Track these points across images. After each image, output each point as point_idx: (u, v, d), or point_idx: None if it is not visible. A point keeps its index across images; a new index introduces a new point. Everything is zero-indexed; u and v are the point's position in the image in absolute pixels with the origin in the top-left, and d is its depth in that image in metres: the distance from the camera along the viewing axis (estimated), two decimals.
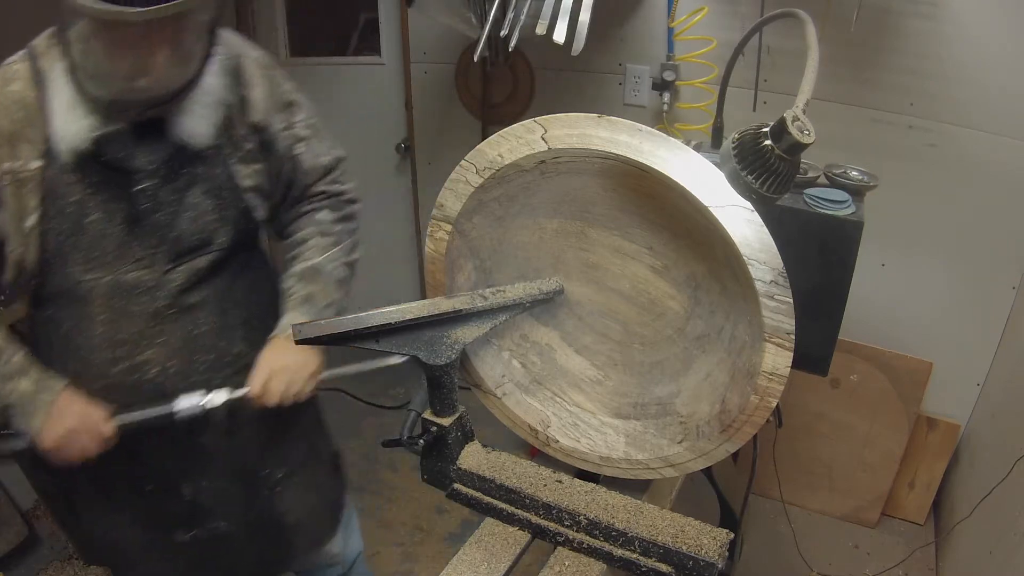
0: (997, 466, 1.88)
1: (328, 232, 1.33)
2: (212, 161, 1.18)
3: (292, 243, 1.32)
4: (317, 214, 1.33)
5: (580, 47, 1.78)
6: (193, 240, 1.17)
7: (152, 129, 1.11)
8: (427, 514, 2.49)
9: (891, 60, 2.06)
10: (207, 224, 1.18)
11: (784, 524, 2.40)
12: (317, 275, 1.28)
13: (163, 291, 1.16)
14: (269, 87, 1.24)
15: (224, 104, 1.17)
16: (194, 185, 1.16)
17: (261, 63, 1.25)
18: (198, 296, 1.20)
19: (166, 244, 1.15)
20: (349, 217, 1.40)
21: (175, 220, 1.15)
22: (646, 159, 0.93)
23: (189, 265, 1.18)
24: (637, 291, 1.12)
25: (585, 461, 1.17)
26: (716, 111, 1.55)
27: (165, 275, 1.16)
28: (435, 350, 1.06)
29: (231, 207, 1.21)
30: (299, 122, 1.29)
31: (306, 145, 1.30)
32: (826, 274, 1.25)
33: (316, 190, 1.34)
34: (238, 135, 1.21)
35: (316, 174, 1.33)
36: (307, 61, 3.00)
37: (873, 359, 2.28)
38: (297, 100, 1.30)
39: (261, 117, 1.22)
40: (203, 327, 1.22)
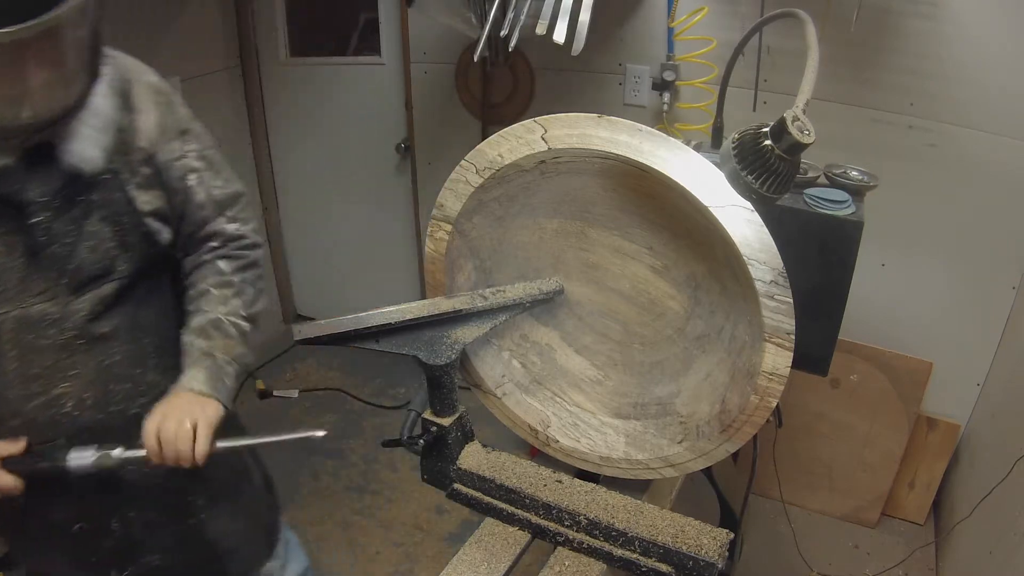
0: (997, 466, 1.88)
1: (227, 283, 1.26)
2: (109, 187, 1.13)
3: (190, 296, 1.26)
4: (216, 263, 1.27)
5: (580, 47, 1.78)
6: (94, 269, 1.13)
7: (42, 158, 1.06)
8: (427, 514, 2.49)
9: (891, 60, 2.06)
10: (107, 252, 1.14)
11: (784, 524, 2.40)
12: (216, 329, 1.22)
13: (69, 322, 1.12)
14: (159, 114, 1.18)
15: (116, 126, 1.12)
16: (91, 213, 1.11)
17: (154, 87, 1.19)
18: (107, 325, 1.16)
19: (66, 276, 1.11)
20: (250, 265, 1.31)
21: (74, 251, 1.10)
22: (646, 159, 0.93)
23: (94, 294, 1.14)
24: (637, 291, 1.12)
25: (585, 461, 1.17)
26: (716, 111, 1.55)
27: (69, 306, 1.12)
28: (435, 350, 1.06)
29: (132, 233, 1.16)
30: (191, 152, 1.22)
31: (198, 177, 1.23)
32: (826, 274, 1.25)
33: (211, 229, 1.27)
34: (134, 160, 1.16)
35: (209, 209, 1.25)
36: (307, 61, 3.00)
37: (873, 359, 2.28)
38: (192, 129, 1.23)
39: (148, 144, 1.17)
40: (115, 356, 1.18)
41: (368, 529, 2.44)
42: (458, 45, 2.61)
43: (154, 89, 1.19)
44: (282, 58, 3.01)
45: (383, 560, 2.32)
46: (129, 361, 1.20)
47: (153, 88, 1.19)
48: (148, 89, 1.18)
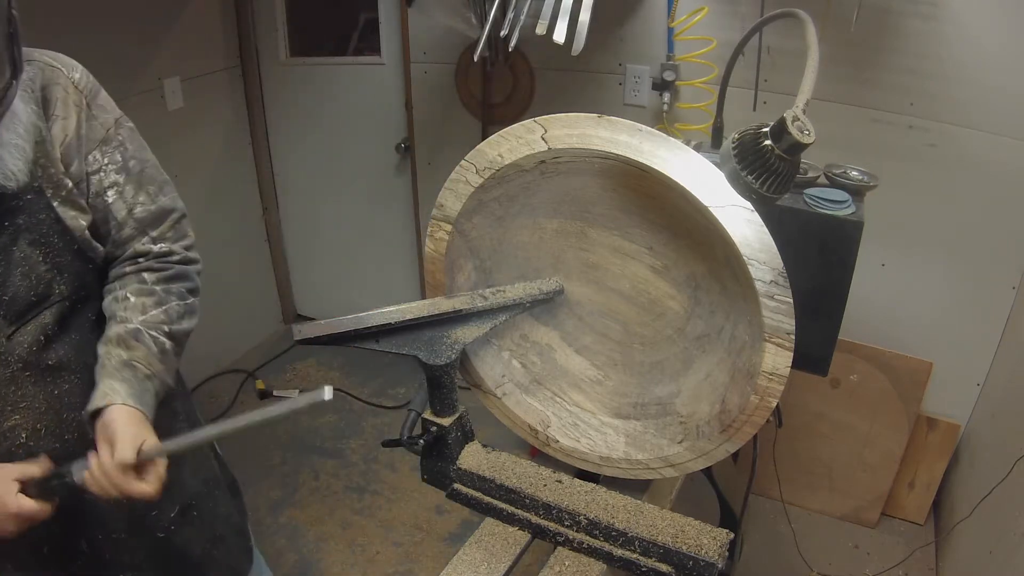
0: (997, 466, 1.88)
1: (149, 292, 1.13)
2: (34, 207, 1.02)
3: (107, 305, 1.13)
4: (140, 274, 1.14)
5: (580, 47, 1.78)
6: (30, 297, 1.03)
7: None
8: (427, 514, 2.49)
9: (891, 60, 2.06)
10: (41, 277, 1.04)
11: (784, 524, 2.40)
12: (135, 340, 1.09)
13: (13, 356, 1.04)
14: (77, 119, 1.06)
15: (35, 136, 1.01)
16: (18, 238, 1.01)
17: (76, 87, 1.07)
18: (54, 355, 1.07)
19: (1, 307, 1.02)
20: (177, 277, 1.17)
21: (6, 280, 1.01)
22: (646, 159, 0.93)
23: (35, 324, 1.05)
24: (637, 291, 1.12)
25: (585, 461, 1.17)
26: (716, 111, 1.55)
27: (10, 339, 1.03)
28: (435, 350, 1.06)
29: (64, 254, 1.06)
30: (111, 164, 1.10)
31: (118, 192, 1.10)
32: (826, 274, 1.25)
33: (134, 250, 1.14)
34: (55, 173, 1.04)
35: (131, 228, 1.12)
36: (307, 61, 3.00)
37: (873, 359, 2.28)
38: (112, 136, 1.10)
39: (65, 155, 1.05)
40: (65, 385, 1.10)
41: (368, 529, 2.44)
42: (458, 45, 2.61)
43: (75, 88, 1.07)
44: (282, 58, 3.01)
45: (383, 560, 2.32)
46: (81, 388, 1.10)
47: (74, 88, 1.07)
48: (68, 90, 1.06)
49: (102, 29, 2.36)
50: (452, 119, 2.77)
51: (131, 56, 2.52)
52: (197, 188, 2.90)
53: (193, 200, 3.28)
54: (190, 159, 2.82)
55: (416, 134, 2.89)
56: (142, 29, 2.54)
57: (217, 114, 2.97)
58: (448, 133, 2.81)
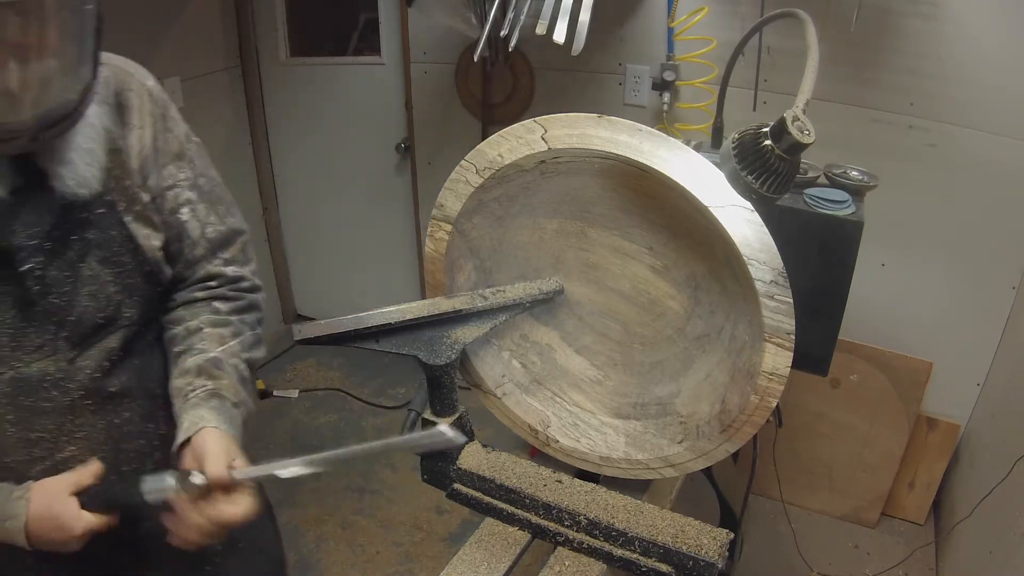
0: (997, 466, 1.88)
1: (224, 323, 1.09)
2: (105, 222, 0.96)
3: (178, 334, 1.07)
4: (211, 303, 1.10)
5: (580, 47, 1.78)
6: (97, 319, 0.97)
7: (30, 190, 0.90)
8: (427, 514, 2.49)
9: (891, 60, 2.06)
10: (110, 299, 0.98)
11: (784, 524, 2.40)
12: (217, 369, 1.04)
13: (74, 382, 0.97)
14: (154, 131, 1.01)
15: (110, 144, 0.95)
16: (88, 255, 0.95)
17: (151, 97, 1.02)
18: (116, 382, 1.01)
19: (66, 329, 0.95)
20: (250, 307, 1.14)
21: (73, 300, 0.95)
22: (646, 159, 0.93)
23: (99, 348, 0.98)
24: (637, 291, 1.12)
25: (585, 461, 1.17)
26: (716, 111, 1.55)
27: (72, 363, 0.96)
28: (435, 350, 1.06)
29: (135, 274, 1.00)
30: (185, 180, 1.05)
31: (191, 211, 1.06)
32: (826, 274, 1.25)
33: (205, 272, 1.10)
34: (129, 187, 0.98)
35: (203, 249, 1.08)
36: (307, 61, 3.01)
37: (873, 359, 2.28)
38: (188, 150, 1.06)
39: (141, 168, 1.00)
40: (125, 413, 1.04)
41: (368, 529, 2.44)
42: (458, 45, 2.62)
43: (151, 99, 1.02)
44: (282, 58, 3.01)
45: (383, 560, 2.32)
46: (141, 417, 1.06)
47: (150, 97, 1.02)
48: (143, 98, 1.01)
49: None
50: (452, 119, 2.77)
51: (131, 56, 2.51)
52: None
53: None
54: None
55: (416, 134, 2.89)
56: (142, 29, 2.54)
57: (217, 114, 2.97)
58: (448, 133, 2.81)
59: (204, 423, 0.96)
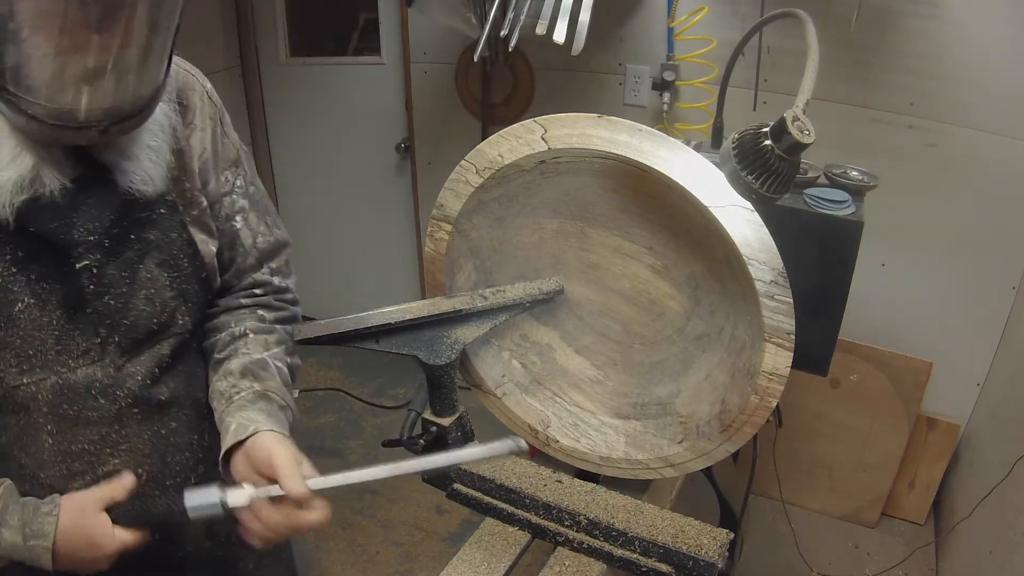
0: (997, 466, 1.88)
1: (269, 330, 1.06)
2: (166, 223, 0.92)
3: (221, 340, 1.03)
4: (256, 311, 1.07)
5: (580, 47, 1.78)
6: (151, 325, 0.93)
7: (92, 183, 0.85)
8: (427, 514, 2.49)
9: (891, 60, 2.06)
10: (166, 304, 0.94)
11: (784, 524, 2.40)
12: (263, 370, 1.00)
13: (123, 390, 0.92)
14: (214, 134, 0.98)
15: (174, 143, 0.92)
16: (146, 256, 0.91)
17: (212, 99, 0.99)
18: (165, 391, 0.96)
19: (118, 333, 0.90)
20: (292, 319, 1.11)
21: (129, 302, 0.90)
22: (646, 159, 0.93)
23: (150, 355, 0.94)
24: (637, 291, 1.12)
25: (585, 461, 1.17)
26: (716, 111, 1.55)
27: (121, 370, 0.91)
28: (435, 350, 1.06)
29: (192, 280, 0.97)
30: (240, 188, 1.02)
31: (244, 219, 1.03)
32: (826, 274, 1.25)
33: (252, 280, 1.07)
34: (190, 190, 0.95)
35: (253, 258, 1.05)
36: (307, 61, 3.01)
37: (873, 359, 2.28)
38: (242, 157, 1.03)
39: (202, 171, 0.97)
40: (171, 424, 0.99)
41: (368, 529, 2.44)
42: (458, 45, 2.62)
43: (211, 101, 0.99)
44: (282, 58, 3.01)
45: (383, 560, 2.32)
46: (187, 427, 1.01)
47: (210, 100, 0.99)
48: (205, 101, 0.97)
49: None
50: (452, 119, 2.77)
51: None
52: None
53: None
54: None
55: (416, 134, 2.89)
56: None
57: None
58: (448, 133, 2.81)
59: (257, 426, 0.91)
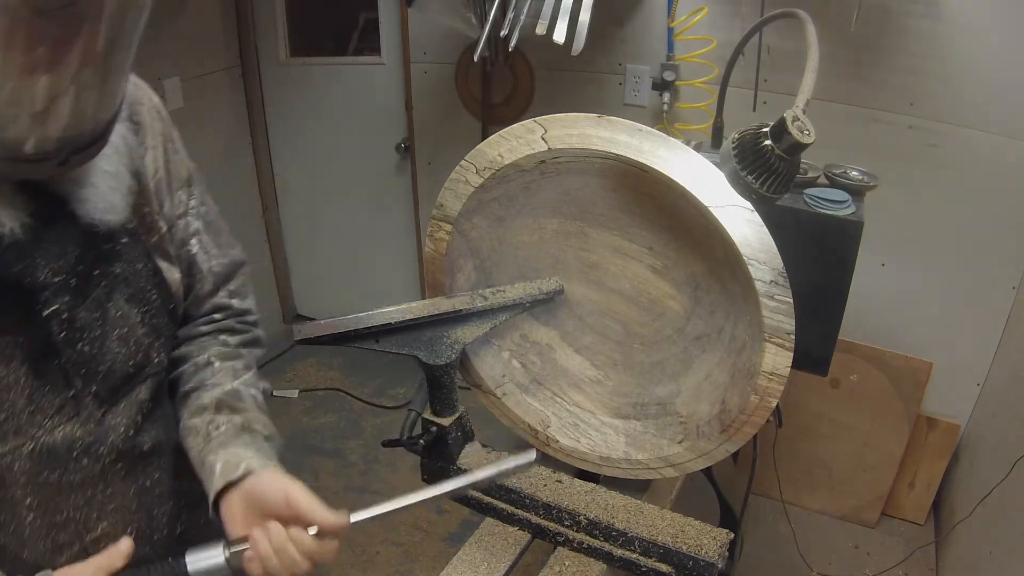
0: (997, 466, 1.88)
1: (235, 355, 0.99)
2: (131, 254, 0.84)
3: (185, 372, 0.96)
4: (218, 336, 1.00)
5: (580, 47, 1.78)
6: (128, 368, 0.84)
7: (50, 218, 0.76)
8: (427, 514, 2.49)
9: (891, 60, 2.06)
10: (140, 342, 0.85)
11: (784, 524, 2.40)
12: (240, 401, 0.94)
13: (106, 445, 0.83)
14: (165, 152, 0.90)
15: (133, 165, 0.84)
16: (115, 292, 0.82)
17: (160, 115, 0.90)
18: (148, 439, 0.89)
19: (95, 382, 0.81)
20: (256, 341, 1.04)
21: (103, 346, 0.81)
22: (646, 159, 0.93)
23: (129, 401, 0.85)
24: (637, 291, 1.12)
25: (585, 461, 1.17)
26: (716, 111, 1.55)
27: (102, 423, 0.83)
28: (435, 350, 1.06)
29: (161, 313, 0.89)
30: (193, 209, 0.94)
31: (199, 242, 0.95)
32: (826, 274, 1.25)
33: (212, 304, 0.99)
34: (149, 214, 0.87)
35: (210, 283, 0.98)
36: (307, 61, 3.01)
37: (873, 359, 2.28)
38: (193, 175, 0.96)
39: (156, 190, 0.89)
40: (156, 473, 0.91)
41: (368, 529, 2.44)
42: (458, 45, 2.62)
43: (160, 117, 0.91)
44: (282, 58, 3.01)
45: (383, 560, 2.32)
46: (170, 475, 0.94)
47: (159, 115, 0.91)
48: (154, 115, 0.89)
49: None
50: (452, 119, 2.77)
51: None
52: None
53: None
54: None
55: (416, 134, 2.89)
56: None
57: (217, 114, 2.97)
58: (448, 133, 2.81)
59: (249, 463, 0.84)
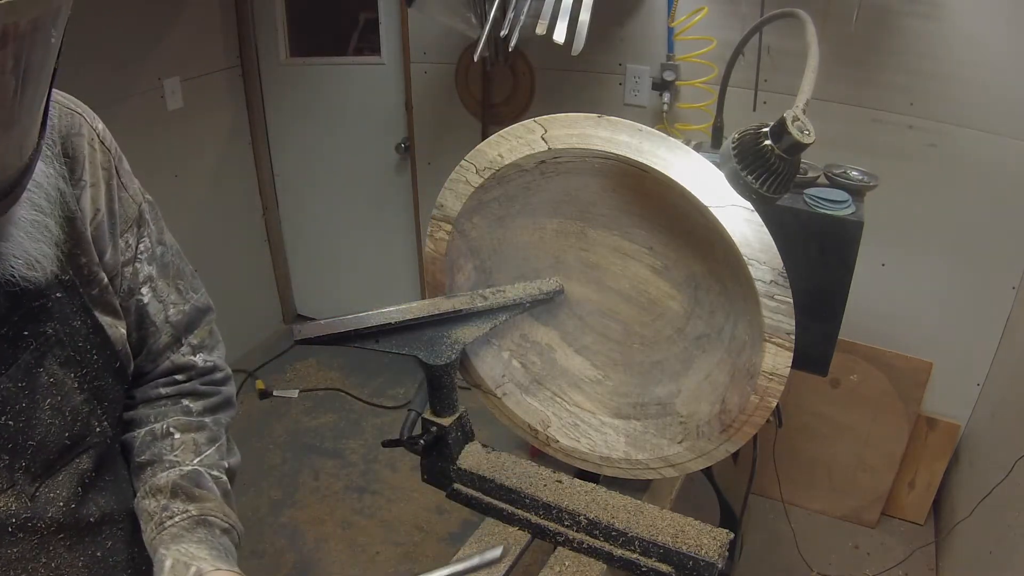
0: (997, 466, 1.88)
1: (199, 426, 0.89)
2: (66, 310, 0.74)
3: (142, 440, 0.87)
4: (181, 401, 0.90)
5: (580, 47, 1.78)
6: (63, 440, 0.76)
7: None
8: (427, 514, 2.49)
9: (891, 60, 2.06)
10: (77, 411, 0.76)
11: (784, 524, 2.40)
12: (198, 487, 0.84)
13: (43, 520, 0.75)
14: (108, 189, 0.79)
15: (65, 210, 0.72)
16: (47, 356, 0.73)
17: (103, 142, 0.79)
18: (95, 509, 0.81)
19: (24, 457, 0.73)
20: (226, 404, 0.95)
21: (32, 418, 0.73)
22: (646, 159, 0.93)
23: (68, 473, 0.77)
24: (637, 291, 1.12)
25: (585, 461, 1.17)
26: (716, 111, 1.55)
27: (34, 500, 0.75)
28: (435, 350, 1.06)
29: (104, 375, 0.79)
30: (144, 252, 0.84)
31: (151, 289, 0.85)
32: (826, 274, 1.25)
33: (172, 363, 0.90)
34: (90, 263, 0.77)
35: (167, 336, 0.88)
36: (307, 61, 3.01)
37: (873, 359, 2.28)
38: (145, 212, 0.84)
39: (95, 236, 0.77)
40: (108, 542, 0.84)
41: (368, 529, 2.44)
42: (458, 45, 2.62)
43: (103, 147, 0.79)
44: (282, 58, 3.01)
45: (383, 560, 2.32)
46: (125, 543, 0.86)
47: (101, 145, 0.79)
48: (95, 146, 0.77)
49: (102, 29, 2.36)
50: (452, 119, 2.77)
51: (131, 56, 2.52)
52: (197, 188, 2.90)
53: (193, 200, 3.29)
54: (190, 159, 2.82)
55: (416, 134, 2.89)
56: (142, 29, 2.54)
57: (217, 114, 2.97)
58: (448, 133, 2.82)
59: (200, 564, 0.78)
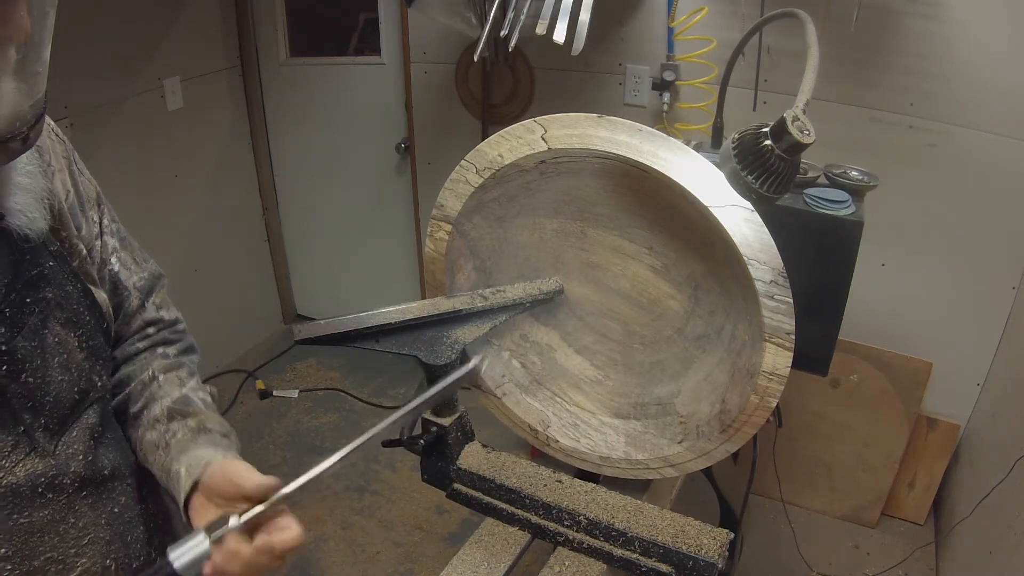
0: (997, 466, 1.88)
1: (178, 365, 0.97)
2: (59, 277, 0.80)
3: (132, 393, 0.93)
4: (156, 349, 0.98)
5: (580, 47, 1.78)
6: (73, 394, 0.80)
7: None
8: (427, 514, 2.49)
9: (891, 60, 2.06)
10: (81, 367, 0.81)
11: (784, 524, 2.40)
12: (189, 406, 0.92)
13: (67, 474, 0.78)
14: (71, 173, 0.86)
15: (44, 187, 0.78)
16: (50, 317, 0.78)
17: (59, 136, 0.86)
18: (107, 462, 0.85)
19: (43, 414, 0.76)
20: (192, 349, 1.03)
21: (46, 376, 0.77)
22: (646, 159, 0.93)
23: (80, 427, 0.81)
24: (637, 291, 1.12)
25: (585, 461, 1.17)
26: (716, 111, 1.55)
27: (57, 452, 0.78)
28: (435, 350, 1.06)
29: (96, 334, 0.85)
30: (107, 228, 0.91)
31: (119, 259, 0.93)
32: (826, 274, 1.25)
33: (143, 319, 0.97)
34: (70, 236, 0.84)
35: (135, 299, 0.95)
36: (307, 61, 3.01)
37: (873, 359, 2.28)
38: (100, 193, 0.92)
39: (71, 214, 0.84)
40: (122, 498, 0.87)
41: (368, 529, 2.44)
42: (458, 45, 2.62)
43: (58, 138, 0.85)
44: (282, 58, 3.01)
45: (383, 560, 2.32)
46: (134, 499, 0.90)
47: (57, 137, 0.85)
48: (54, 139, 0.84)
49: (102, 29, 2.36)
50: (452, 119, 2.77)
51: (131, 56, 2.52)
52: (197, 188, 2.90)
53: (193, 200, 3.29)
54: (190, 159, 2.82)
55: (416, 134, 2.89)
56: (142, 29, 2.54)
57: (217, 114, 2.97)
58: (448, 133, 2.82)
59: (206, 460, 0.83)
